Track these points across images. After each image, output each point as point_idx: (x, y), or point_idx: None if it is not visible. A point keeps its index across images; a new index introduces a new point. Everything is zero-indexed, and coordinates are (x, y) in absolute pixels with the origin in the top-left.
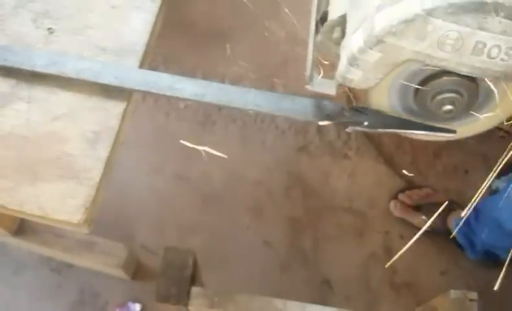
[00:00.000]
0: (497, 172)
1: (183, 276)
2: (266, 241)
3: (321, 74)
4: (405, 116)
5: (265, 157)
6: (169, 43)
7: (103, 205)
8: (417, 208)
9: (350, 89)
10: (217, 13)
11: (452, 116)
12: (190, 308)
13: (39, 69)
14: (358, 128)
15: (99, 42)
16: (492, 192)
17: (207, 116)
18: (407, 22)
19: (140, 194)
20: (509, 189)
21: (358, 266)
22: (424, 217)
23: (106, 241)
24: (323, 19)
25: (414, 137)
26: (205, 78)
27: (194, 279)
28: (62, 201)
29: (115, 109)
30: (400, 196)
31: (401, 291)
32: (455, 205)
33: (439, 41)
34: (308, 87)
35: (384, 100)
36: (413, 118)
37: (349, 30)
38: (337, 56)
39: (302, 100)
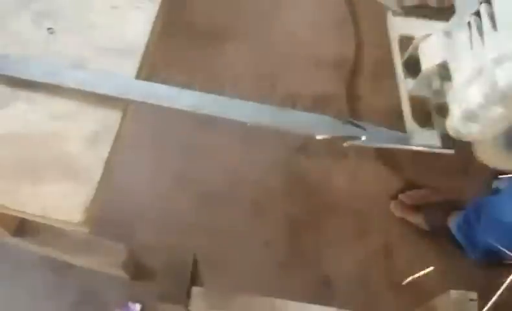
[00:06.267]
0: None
1: (183, 276)
2: (266, 241)
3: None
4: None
5: (265, 157)
6: (169, 43)
7: (103, 205)
8: (417, 208)
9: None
10: (217, 13)
11: None
12: (190, 308)
13: (37, 78)
14: (356, 142)
15: (99, 42)
16: (492, 192)
17: (208, 116)
18: None
19: (141, 194)
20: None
21: (358, 266)
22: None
23: (106, 242)
24: (407, 63)
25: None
26: (205, 77)
27: (194, 279)
28: (62, 201)
29: (115, 108)
30: (400, 196)
31: (401, 291)
32: (455, 205)
33: None
34: (412, 143)
35: (490, 146)
36: None
37: (458, 81)
38: (434, 105)
39: (300, 114)
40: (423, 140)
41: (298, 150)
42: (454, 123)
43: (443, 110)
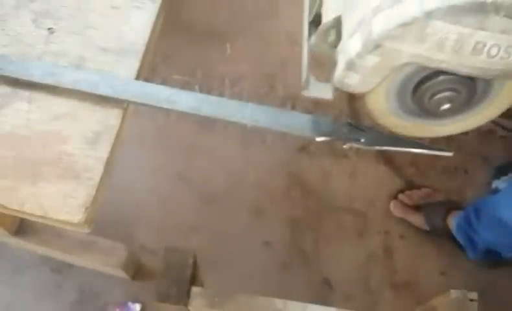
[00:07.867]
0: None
1: (183, 276)
2: (266, 241)
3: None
4: (404, 116)
5: (265, 157)
6: (169, 43)
7: (103, 205)
8: (417, 208)
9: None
10: (217, 13)
11: (450, 113)
12: (190, 308)
13: (36, 79)
14: (355, 145)
15: (99, 42)
16: (492, 191)
17: (208, 116)
18: (406, 25)
19: (141, 193)
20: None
21: (358, 266)
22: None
23: (106, 241)
24: (315, 20)
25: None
26: (205, 77)
27: (194, 279)
28: (62, 201)
29: (115, 108)
30: (400, 196)
31: (401, 291)
32: (455, 205)
33: (438, 43)
34: (305, 92)
35: (382, 103)
36: (413, 118)
37: (345, 33)
38: (333, 59)
39: (299, 116)
40: (318, 92)
41: (298, 150)
42: (337, 74)
43: None
